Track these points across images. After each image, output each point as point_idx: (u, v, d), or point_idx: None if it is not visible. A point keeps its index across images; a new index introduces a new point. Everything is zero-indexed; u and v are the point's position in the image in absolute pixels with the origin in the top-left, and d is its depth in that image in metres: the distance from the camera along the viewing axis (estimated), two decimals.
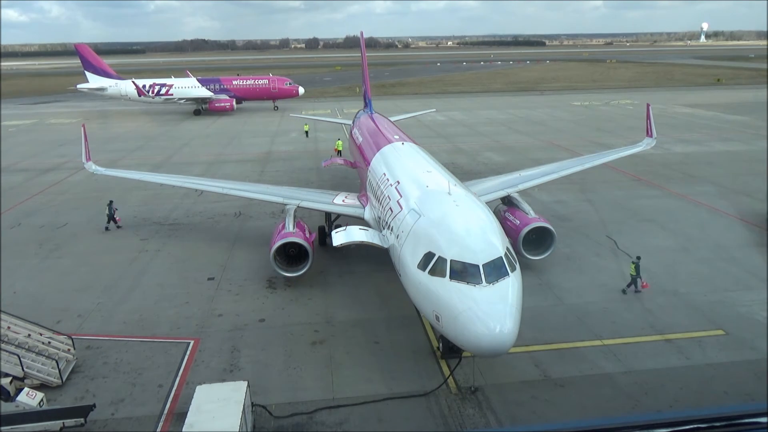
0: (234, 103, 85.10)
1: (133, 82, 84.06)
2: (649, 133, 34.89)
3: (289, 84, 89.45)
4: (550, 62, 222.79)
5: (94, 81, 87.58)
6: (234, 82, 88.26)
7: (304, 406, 16.46)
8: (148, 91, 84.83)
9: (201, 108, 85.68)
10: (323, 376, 18.06)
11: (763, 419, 4.20)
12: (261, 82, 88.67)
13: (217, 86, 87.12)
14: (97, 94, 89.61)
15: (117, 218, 32.92)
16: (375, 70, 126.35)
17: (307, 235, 24.33)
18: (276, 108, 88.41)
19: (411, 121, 60.47)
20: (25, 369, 17.11)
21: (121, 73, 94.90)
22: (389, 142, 29.92)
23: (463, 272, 15.53)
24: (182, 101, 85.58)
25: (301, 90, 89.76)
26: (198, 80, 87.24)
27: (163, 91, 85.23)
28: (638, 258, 23.32)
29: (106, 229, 32.43)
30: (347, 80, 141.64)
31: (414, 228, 17.97)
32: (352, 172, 37.68)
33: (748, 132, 60.61)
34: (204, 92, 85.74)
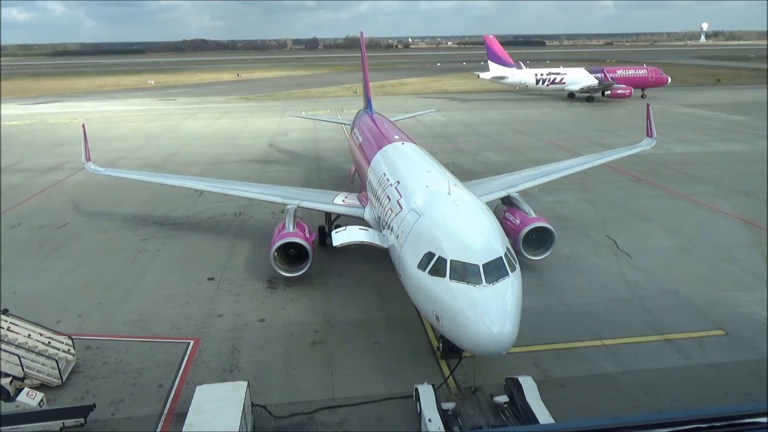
0: (632, 90, 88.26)
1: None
2: (649, 133, 34.89)
3: (662, 74, 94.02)
4: (550, 62, 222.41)
5: (495, 70, 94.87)
6: (618, 72, 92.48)
7: (304, 406, 16.45)
8: (544, 81, 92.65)
9: (593, 96, 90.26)
10: (323, 376, 18.05)
11: (763, 419, 4.19)
12: (640, 72, 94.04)
13: (602, 76, 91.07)
14: (497, 82, 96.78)
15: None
16: (375, 71, 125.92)
17: (307, 235, 24.33)
18: (644, 96, 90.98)
19: (411, 121, 60.45)
20: (25, 369, 17.09)
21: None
22: (389, 142, 29.92)
23: (463, 272, 15.52)
24: (575, 90, 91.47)
25: (669, 79, 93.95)
26: (587, 70, 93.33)
27: (558, 80, 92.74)
28: None
29: None
30: (347, 81, 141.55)
31: (414, 228, 17.97)
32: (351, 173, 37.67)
33: (748, 132, 60.62)
34: (593, 81, 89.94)
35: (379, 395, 16.86)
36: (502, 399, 15.72)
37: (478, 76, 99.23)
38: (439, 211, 18.36)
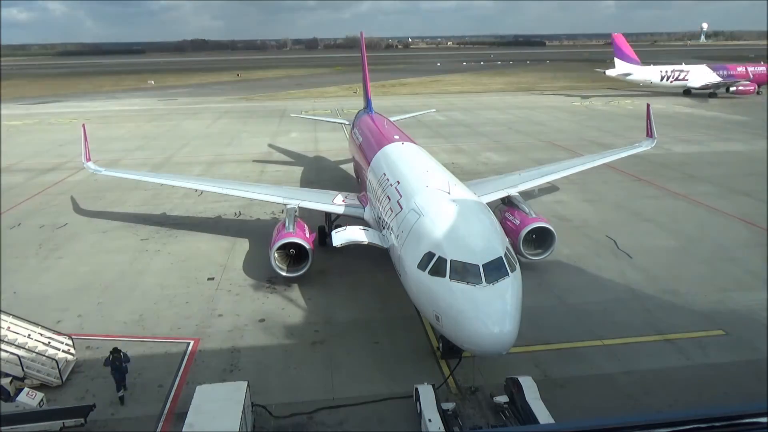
0: (757, 87, 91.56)
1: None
2: (649, 134, 34.89)
3: None
4: (550, 62, 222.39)
5: (621, 67, 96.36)
6: (738, 69, 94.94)
7: (304, 406, 16.46)
8: (668, 78, 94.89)
9: (716, 92, 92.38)
10: (323, 376, 18.06)
11: (763, 419, 4.20)
12: (759, 69, 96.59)
13: (724, 73, 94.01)
14: (622, 79, 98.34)
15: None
16: (375, 72, 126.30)
17: (307, 235, 24.34)
18: (759, 92, 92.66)
19: (411, 121, 60.46)
20: (25, 369, 17.11)
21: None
22: (389, 142, 29.90)
23: (463, 272, 15.51)
24: (696, 87, 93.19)
25: None
26: (709, 67, 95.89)
27: (681, 76, 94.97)
28: None
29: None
30: (347, 81, 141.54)
31: (414, 228, 17.97)
32: (353, 172, 37.67)
33: (748, 132, 60.62)
34: (716, 78, 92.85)
35: (379, 395, 16.86)
36: (502, 399, 15.74)
37: (604, 72, 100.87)
38: (439, 211, 18.34)
